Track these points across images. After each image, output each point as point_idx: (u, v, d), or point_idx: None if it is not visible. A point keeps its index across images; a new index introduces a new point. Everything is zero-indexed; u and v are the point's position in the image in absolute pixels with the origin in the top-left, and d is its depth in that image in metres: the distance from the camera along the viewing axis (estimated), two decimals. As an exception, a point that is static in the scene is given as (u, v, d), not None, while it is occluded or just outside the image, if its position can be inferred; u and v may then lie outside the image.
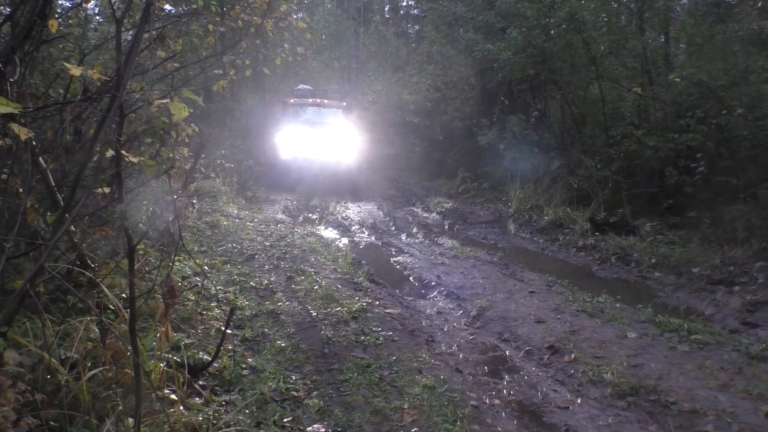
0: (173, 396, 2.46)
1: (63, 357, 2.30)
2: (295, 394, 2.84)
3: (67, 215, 2.16)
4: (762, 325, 4.18)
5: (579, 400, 3.02)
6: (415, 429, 2.60)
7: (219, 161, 8.65)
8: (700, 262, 5.67)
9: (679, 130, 7.49)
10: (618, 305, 4.61)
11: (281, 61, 6.24)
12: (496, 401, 2.97)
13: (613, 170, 8.18)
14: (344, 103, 13.62)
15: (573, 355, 3.52)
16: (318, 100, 13.30)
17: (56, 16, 3.05)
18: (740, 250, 5.71)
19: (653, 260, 6.01)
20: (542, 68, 9.46)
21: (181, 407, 2.42)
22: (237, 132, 12.69)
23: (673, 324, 4.02)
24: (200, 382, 2.76)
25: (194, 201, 2.38)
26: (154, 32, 2.56)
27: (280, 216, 8.49)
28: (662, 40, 9.01)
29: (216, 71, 4.94)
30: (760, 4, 7.69)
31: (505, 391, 3.11)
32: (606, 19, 9.33)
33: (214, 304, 3.75)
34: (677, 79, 7.71)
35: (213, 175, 8.51)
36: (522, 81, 10.59)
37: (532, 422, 2.80)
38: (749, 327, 4.21)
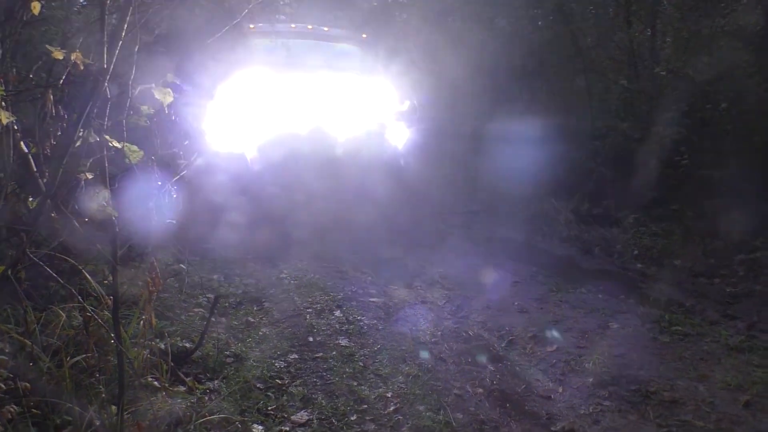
0: (156, 383, 2.46)
1: (45, 344, 2.28)
2: (280, 382, 2.85)
3: (48, 201, 2.13)
4: (741, 317, 4.24)
5: (561, 389, 3.06)
6: (399, 417, 2.62)
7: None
8: (681, 254, 5.74)
9: (663, 124, 7.55)
10: (600, 296, 4.66)
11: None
12: (479, 390, 3.00)
13: (598, 162, 8.24)
14: (364, 36, 7.22)
15: (555, 345, 3.55)
16: (309, 27, 6.86)
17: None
18: (721, 243, 5.77)
19: (636, 252, 6.07)
20: (529, 59, 9.48)
21: (165, 395, 2.41)
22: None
23: (654, 315, 4.07)
24: (184, 370, 2.76)
25: (176, 188, 2.35)
26: (137, 16, 2.52)
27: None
28: (649, 33, 9.06)
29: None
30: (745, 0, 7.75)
31: (488, 379, 3.14)
32: (594, 11, 9.36)
33: (197, 291, 3.74)
34: (663, 73, 7.75)
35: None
36: (509, 72, 10.60)
37: (514, 410, 2.83)
38: (729, 319, 4.26)
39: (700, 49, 7.53)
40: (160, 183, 2.25)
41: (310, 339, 3.42)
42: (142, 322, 2.49)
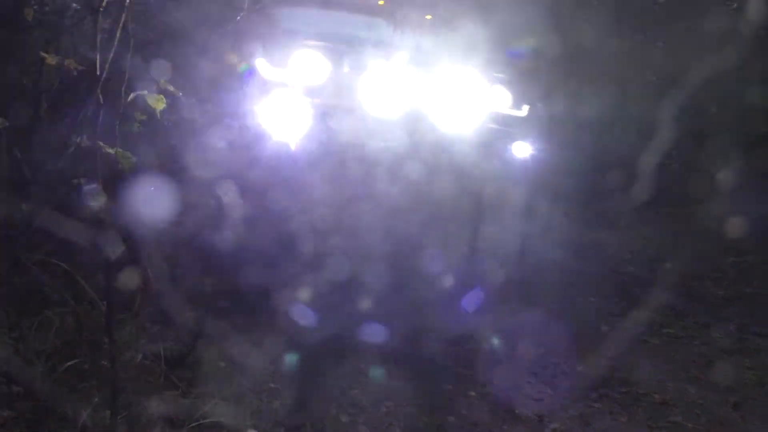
0: (150, 388, 2.46)
1: (38, 348, 2.28)
2: (273, 385, 2.86)
3: (42, 206, 2.15)
4: (732, 319, 4.28)
5: (552, 392, 3.08)
6: (392, 420, 2.64)
7: None
8: (673, 257, 5.77)
9: (655, 128, 7.59)
10: (592, 299, 4.69)
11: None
12: (471, 393, 3.01)
13: (590, 165, 8.28)
14: (428, 17, 5.36)
15: (547, 348, 3.57)
16: None
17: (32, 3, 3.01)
18: (712, 246, 5.82)
19: (628, 255, 6.11)
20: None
21: (158, 399, 2.42)
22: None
23: (645, 318, 4.09)
24: (177, 374, 2.76)
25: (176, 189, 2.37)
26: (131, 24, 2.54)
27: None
28: (640, 38, 9.13)
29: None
30: (735, 5, 7.82)
31: (479, 382, 3.15)
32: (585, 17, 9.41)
33: (193, 295, 3.74)
34: (653, 78, 7.82)
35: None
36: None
37: (505, 413, 2.85)
38: (720, 321, 4.30)
39: (691, 53, 7.58)
40: (154, 187, 2.27)
41: (304, 343, 3.42)
42: (135, 326, 2.50)
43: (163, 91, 2.04)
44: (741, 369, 3.35)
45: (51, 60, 2.21)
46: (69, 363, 2.27)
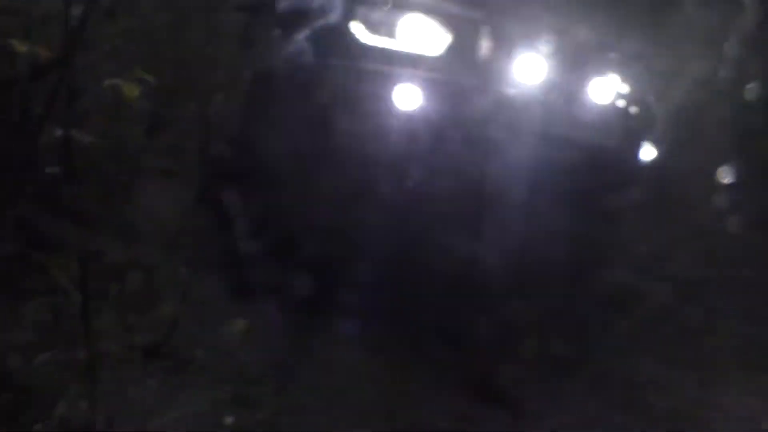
0: (128, 377, 2.46)
1: (15, 340, 2.26)
2: (251, 373, 2.87)
3: (16, 196, 2.12)
4: (700, 300, 4.39)
5: (528, 375, 3.14)
6: (372, 407, 2.67)
7: None
8: (646, 240, 5.88)
9: (654, 126, 7.69)
10: (560, 281, 4.72)
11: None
12: (452, 377, 3.06)
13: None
14: None
15: (522, 332, 3.62)
16: None
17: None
18: (683, 229, 5.94)
19: (617, 248, 6.18)
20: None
21: (136, 388, 2.42)
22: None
23: (614, 299, 4.17)
24: (155, 363, 2.75)
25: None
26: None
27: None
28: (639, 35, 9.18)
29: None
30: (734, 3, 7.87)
31: (461, 367, 3.19)
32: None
33: (169, 285, 3.71)
34: (653, 76, 7.90)
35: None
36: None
37: (484, 395, 2.90)
38: (689, 303, 4.40)
39: (691, 51, 7.64)
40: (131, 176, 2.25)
41: (285, 333, 3.42)
42: (111, 317, 2.49)
43: (141, 80, 2.02)
44: (708, 348, 3.47)
45: (21, 47, 2.17)
46: (46, 354, 2.26)
